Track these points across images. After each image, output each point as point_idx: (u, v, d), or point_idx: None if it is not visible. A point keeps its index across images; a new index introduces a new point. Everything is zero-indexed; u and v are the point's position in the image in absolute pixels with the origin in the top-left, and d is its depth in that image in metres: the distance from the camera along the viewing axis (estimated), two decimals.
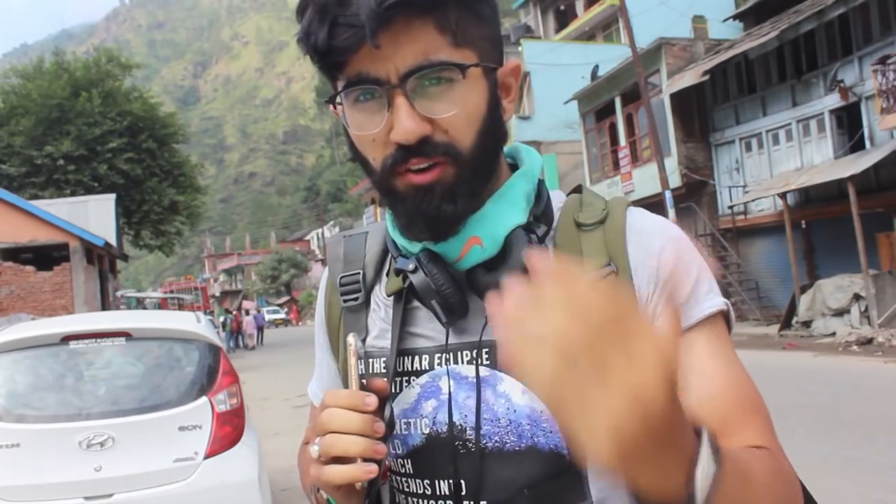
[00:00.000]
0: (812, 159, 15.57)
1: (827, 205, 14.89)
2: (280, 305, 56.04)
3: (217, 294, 73.13)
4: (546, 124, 23.28)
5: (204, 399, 3.56)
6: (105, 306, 20.00)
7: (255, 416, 4.56)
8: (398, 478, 0.82)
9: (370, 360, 0.84)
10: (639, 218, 0.79)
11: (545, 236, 0.79)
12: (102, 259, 20.54)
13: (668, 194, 15.89)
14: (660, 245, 0.76)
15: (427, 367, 0.80)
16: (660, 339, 0.46)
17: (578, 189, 0.86)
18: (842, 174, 13.06)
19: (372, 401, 0.69)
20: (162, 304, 40.86)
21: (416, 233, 0.76)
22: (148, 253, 33.04)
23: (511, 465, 0.74)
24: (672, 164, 17.53)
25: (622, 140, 19.93)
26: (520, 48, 25.68)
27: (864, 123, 14.34)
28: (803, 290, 14.10)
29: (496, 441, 0.75)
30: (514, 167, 0.84)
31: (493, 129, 0.75)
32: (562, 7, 31.18)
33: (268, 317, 43.57)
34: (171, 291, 56.34)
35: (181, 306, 42.77)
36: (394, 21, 0.67)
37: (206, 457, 3.45)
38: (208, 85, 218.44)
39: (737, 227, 17.61)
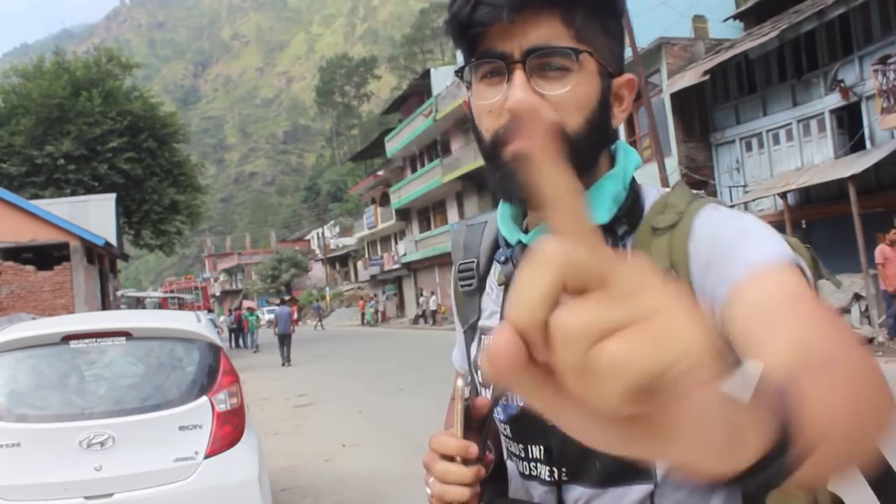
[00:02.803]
0: (812, 159, 15.56)
1: (827, 205, 14.89)
2: (280, 303, 55.91)
3: (217, 294, 73.12)
4: None
5: (204, 399, 3.56)
6: (105, 306, 20.00)
7: (255, 416, 4.56)
8: (505, 439, 0.93)
9: (482, 337, 0.96)
10: (704, 217, 0.80)
11: (625, 236, 0.83)
12: (103, 259, 20.54)
13: None
14: (715, 227, 0.78)
15: None
16: None
17: (678, 185, 0.89)
18: (842, 174, 13.05)
19: (474, 451, 0.81)
20: (162, 304, 40.86)
21: (509, 195, 0.83)
22: (148, 252, 33.06)
23: None
24: (672, 163, 17.53)
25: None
26: None
27: (865, 123, 14.33)
28: None
29: None
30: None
31: (601, 124, 0.81)
32: None
33: (267, 316, 43.48)
34: (172, 291, 56.31)
35: (181, 306, 42.75)
36: (527, 8, 0.76)
37: (207, 456, 3.45)
38: (208, 84, 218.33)
39: None
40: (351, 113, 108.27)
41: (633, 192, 0.85)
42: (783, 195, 14.72)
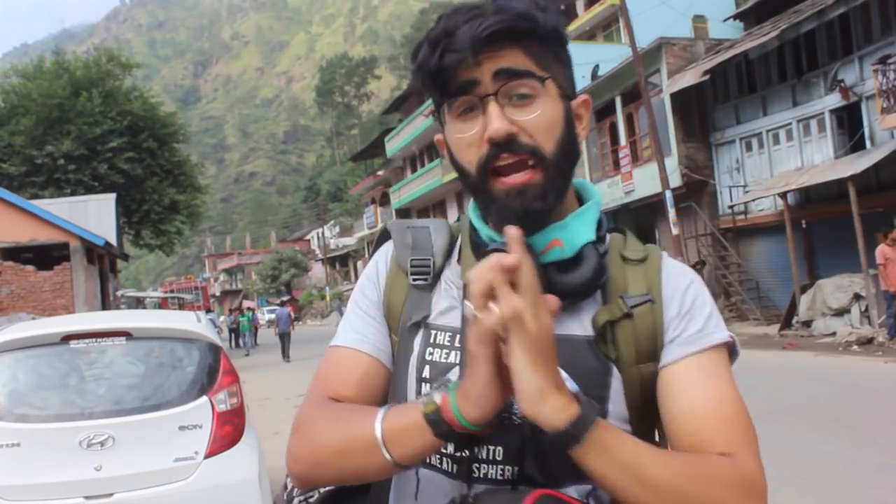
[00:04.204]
0: (812, 159, 15.56)
1: (827, 205, 14.88)
2: (280, 305, 55.86)
3: (217, 294, 73.11)
4: None
5: (204, 398, 3.55)
6: (105, 306, 20.00)
7: (255, 415, 4.56)
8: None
9: (435, 333, 0.97)
10: (671, 263, 0.99)
11: (604, 255, 0.94)
12: (103, 259, 20.54)
13: (668, 194, 15.88)
14: (685, 285, 0.96)
15: None
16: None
17: (621, 230, 1.04)
18: (842, 174, 13.05)
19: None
20: (162, 304, 40.86)
21: (507, 221, 0.86)
22: (148, 252, 33.05)
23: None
24: (672, 163, 17.53)
25: (622, 140, 19.92)
26: None
27: (865, 123, 14.33)
28: (803, 289, 14.09)
29: None
30: (577, 197, 1.01)
31: (570, 142, 0.91)
32: (562, 7, 31.14)
33: (267, 316, 43.50)
34: (172, 291, 56.31)
35: (181, 306, 42.75)
36: (489, 45, 0.85)
37: (207, 456, 3.45)
38: (208, 84, 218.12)
39: (737, 226, 17.60)
40: (351, 113, 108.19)
41: (602, 220, 0.98)
42: (783, 195, 14.72)
